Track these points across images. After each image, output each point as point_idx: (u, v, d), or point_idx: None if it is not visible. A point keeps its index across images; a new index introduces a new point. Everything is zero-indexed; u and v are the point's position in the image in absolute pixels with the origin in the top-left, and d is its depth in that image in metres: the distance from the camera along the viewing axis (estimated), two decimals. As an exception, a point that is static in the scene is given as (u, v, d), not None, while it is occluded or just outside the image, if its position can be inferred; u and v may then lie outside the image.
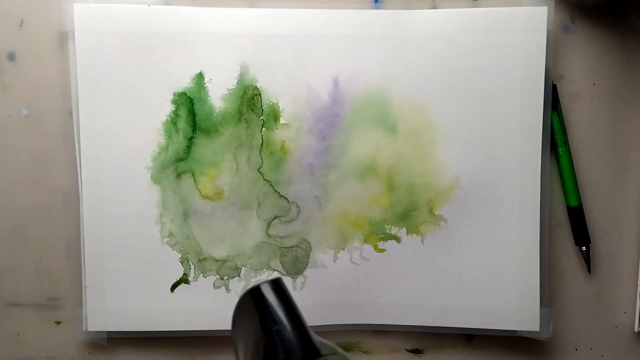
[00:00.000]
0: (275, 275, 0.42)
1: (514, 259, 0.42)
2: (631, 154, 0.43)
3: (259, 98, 0.41)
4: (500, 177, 0.41)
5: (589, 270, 0.43)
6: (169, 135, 0.41)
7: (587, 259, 0.43)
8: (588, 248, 0.43)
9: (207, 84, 0.41)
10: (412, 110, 0.41)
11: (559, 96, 0.42)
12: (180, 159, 0.41)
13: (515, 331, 0.42)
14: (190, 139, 0.41)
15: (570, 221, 0.43)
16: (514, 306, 0.42)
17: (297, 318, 0.32)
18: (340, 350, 0.32)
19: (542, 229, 0.42)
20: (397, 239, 0.42)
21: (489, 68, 0.41)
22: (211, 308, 0.42)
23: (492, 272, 0.42)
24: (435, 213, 0.42)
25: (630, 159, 0.43)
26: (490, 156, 0.41)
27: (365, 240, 0.42)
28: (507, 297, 0.42)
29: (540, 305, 0.42)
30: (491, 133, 0.41)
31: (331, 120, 0.41)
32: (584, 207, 0.43)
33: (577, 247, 0.43)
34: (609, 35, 0.42)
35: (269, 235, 0.42)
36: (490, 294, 0.42)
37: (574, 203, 0.42)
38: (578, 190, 0.42)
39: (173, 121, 0.41)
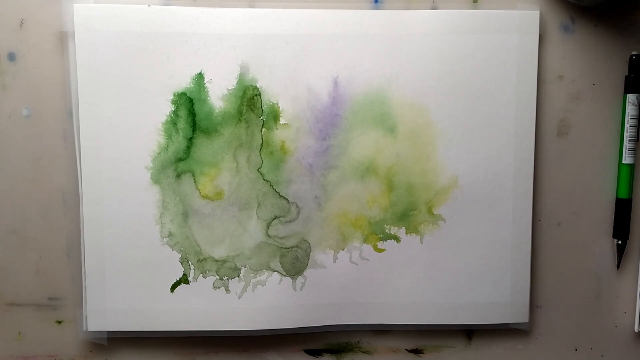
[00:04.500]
0: (275, 275, 0.42)
1: (508, 255, 0.42)
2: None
3: (259, 98, 0.41)
4: (495, 177, 0.42)
5: (618, 266, 0.43)
6: (169, 135, 0.41)
7: (619, 253, 0.43)
8: (625, 243, 0.43)
9: (207, 84, 0.41)
10: (411, 110, 0.41)
11: (558, 96, 0.42)
12: (180, 159, 0.41)
13: (507, 324, 0.43)
14: (190, 139, 0.41)
15: (615, 213, 0.43)
16: (507, 300, 0.43)
17: None
18: None
19: (538, 227, 0.42)
20: (397, 239, 0.42)
21: (486, 69, 0.41)
22: (211, 308, 0.42)
23: (488, 269, 0.43)
24: (434, 213, 0.42)
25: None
26: (487, 156, 0.42)
27: (365, 240, 0.42)
28: (502, 292, 0.43)
29: (535, 302, 0.43)
30: (488, 133, 0.42)
31: (331, 120, 0.41)
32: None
33: (615, 240, 0.43)
34: (609, 35, 0.42)
35: (268, 236, 0.42)
36: (486, 290, 0.43)
37: (623, 195, 0.42)
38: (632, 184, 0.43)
39: (173, 121, 0.41)
